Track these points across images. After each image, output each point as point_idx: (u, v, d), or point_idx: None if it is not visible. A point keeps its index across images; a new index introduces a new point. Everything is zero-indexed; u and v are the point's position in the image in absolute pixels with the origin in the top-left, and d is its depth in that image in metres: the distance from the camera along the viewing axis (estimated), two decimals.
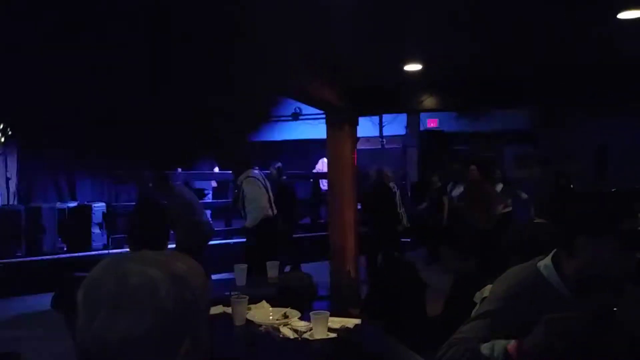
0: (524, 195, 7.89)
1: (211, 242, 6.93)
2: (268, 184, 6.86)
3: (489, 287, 1.99)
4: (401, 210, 7.97)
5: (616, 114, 8.79)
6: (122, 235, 8.07)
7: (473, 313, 1.88)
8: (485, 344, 1.65)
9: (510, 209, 7.92)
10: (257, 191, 6.59)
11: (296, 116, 12.12)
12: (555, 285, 1.74)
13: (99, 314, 0.85)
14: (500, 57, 5.52)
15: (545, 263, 1.79)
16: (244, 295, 3.03)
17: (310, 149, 11.53)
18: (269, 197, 6.76)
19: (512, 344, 1.59)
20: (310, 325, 2.66)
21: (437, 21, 4.24)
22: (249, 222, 6.57)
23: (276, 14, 3.81)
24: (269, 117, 12.55)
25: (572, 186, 9.06)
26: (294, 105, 11.86)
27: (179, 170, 10.06)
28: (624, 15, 4.06)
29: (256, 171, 6.81)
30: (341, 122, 6.47)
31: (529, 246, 2.15)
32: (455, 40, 4.84)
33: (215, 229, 7.58)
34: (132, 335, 0.85)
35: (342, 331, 2.57)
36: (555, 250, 1.80)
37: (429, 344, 2.57)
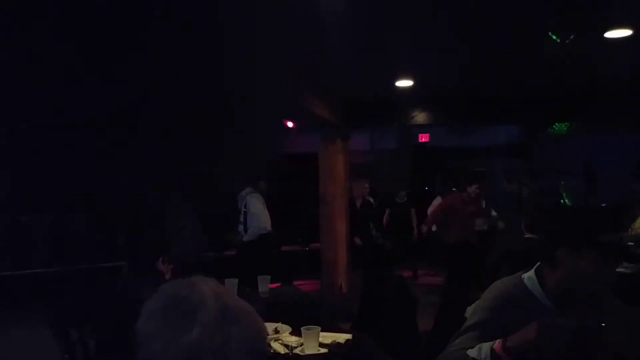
0: (493, 213, 7.87)
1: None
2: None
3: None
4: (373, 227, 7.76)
5: (604, 129, 8.90)
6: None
7: (462, 326, 1.90)
8: (472, 349, 1.67)
9: (485, 227, 7.89)
10: (261, 206, 6.57)
11: None
12: (539, 297, 1.78)
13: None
14: (489, 74, 5.61)
15: (529, 275, 1.83)
16: None
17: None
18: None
19: (497, 342, 1.61)
20: (301, 341, 2.65)
21: (428, 39, 4.30)
22: (248, 236, 6.55)
23: (270, 32, 3.85)
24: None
25: (562, 201, 9.13)
26: None
27: None
28: (611, 34, 4.15)
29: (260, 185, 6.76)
30: (333, 136, 6.51)
31: (519, 260, 2.17)
32: (445, 57, 4.91)
33: None
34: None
35: (334, 346, 2.57)
36: (538, 263, 1.84)
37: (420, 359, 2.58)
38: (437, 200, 8.37)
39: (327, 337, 2.73)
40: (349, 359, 2.49)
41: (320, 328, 2.68)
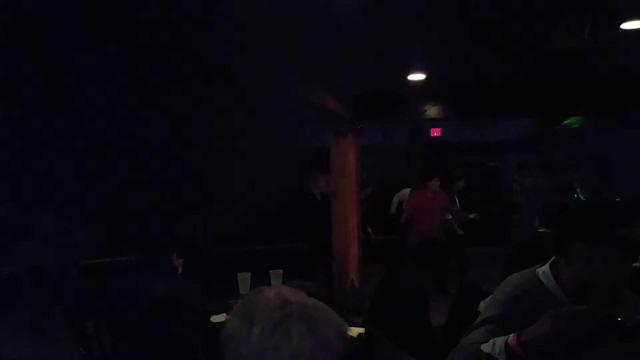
0: (472, 216, 7.91)
1: None
2: None
3: None
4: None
5: (620, 124, 8.80)
6: None
7: (476, 321, 1.89)
8: (486, 343, 1.67)
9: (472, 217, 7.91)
10: None
11: None
12: (553, 292, 1.77)
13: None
14: (502, 68, 5.55)
15: (543, 270, 1.83)
16: None
17: None
18: None
19: (511, 336, 1.60)
20: None
21: (440, 32, 4.27)
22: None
23: (280, 26, 3.85)
24: None
25: (576, 196, 9.05)
26: None
27: None
28: (628, 25, 4.09)
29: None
30: (345, 131, 6.50)
31: (533, 255, 2.15)
32: (458, 51, 4.87)
33: None
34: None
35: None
36: (553, 257, 1.83)
37: (433, 354, 2.57)
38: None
39: None
40: (361, 353, 2.49)
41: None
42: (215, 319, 3.01)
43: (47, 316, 5.33)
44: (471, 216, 7.71)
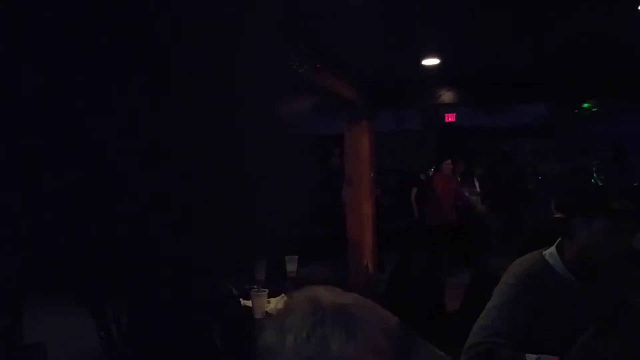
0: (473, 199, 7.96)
1: None
2: None
3: None
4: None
5: (635, 108, 8.66)
6: None
7: (487, 305, 1.91)
8: (531, 355, 1.68)
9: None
10: None
11: None
12: (560, 272, 1.81)
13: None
14: (517, 51, 5.48)
15: (550, 251, 1.86)
16: (264, 289, 3.08)
17: None
18: None
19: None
20: None
21: (455, 15, 4.22)
22: None
23: (292, 8, 3.83)
24: None
25: (592, 181, 8.96)
26: None
27: None
28: None
29: None
30: (359, 117, 6.48)
31: (547, 240, 2.16)
32: (473, 35, 4.82)
33: None
34: None
35: None
36: (559, 238, 1.86)
37: (448, 340, 2.58)
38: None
39: None
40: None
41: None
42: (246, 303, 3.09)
43: None
44: (479, 208, 7.76)
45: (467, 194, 7.62)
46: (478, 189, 8.09)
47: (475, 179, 8.24)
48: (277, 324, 0.92)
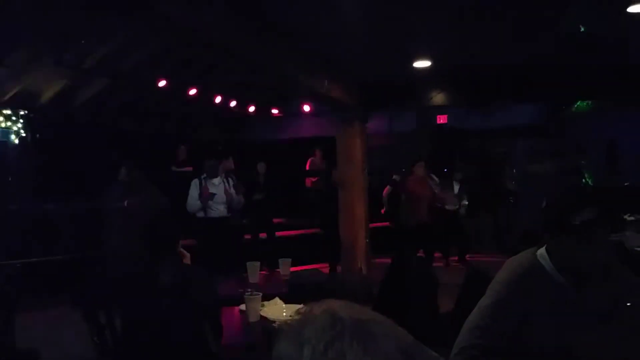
0: (462, 202, 8.17)
1: None
2: None
3: None
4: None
5: (627, 107, 8.72)
6: None
7: (479, 303, 1.90)
8: None
9: (457, 207, 8.22)
10: None
11: None
12: (551, 273, 1.78)
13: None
14: (509, 52, 5.52)
15: (541, 252, 1.83)
16: (257, 293, 3.07)
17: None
18: None
19: None
20: None
21: (445, 17, 4.24)
22: None
23: (285, 10, 3.84)
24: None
25: (584, 180, 9.00)
26: None
27: None
28: (634, 9, 4.05)
29: None
30: (351, 119, 6.49)
31: (537, 240, 2.16)
32: (463, 36, 4.84)
33: None
34: None
35: None
36: (549, 239, 1.84)
37: (440, 341, 2.59)
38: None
39: None
40: None
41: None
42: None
43: None
44: (447, 207, 7.93)
45: (441, 193, 7.77)
46: (455, 192, 8.24)
47: (454, 182, 8.35)
48: (295, 335, 0.92)
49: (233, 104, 9.53)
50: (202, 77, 8.51)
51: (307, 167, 10.31)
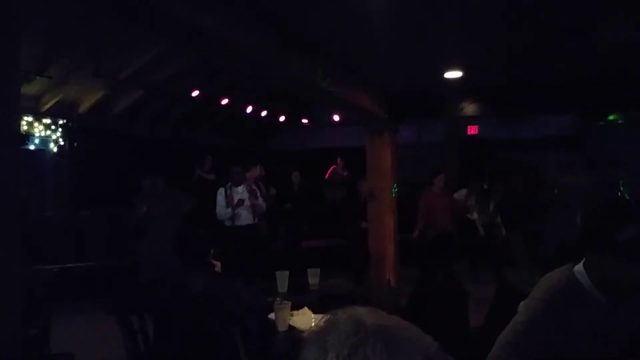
0: (496, 220, 8.05)
1: None
2: None
3: None
4: None
5: None
6: None
7: (513, 319, 1.88)
8: None
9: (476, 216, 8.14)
10: None
11: None
12: (589, 291, 1.74)
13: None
14: (541, 63, 5.45)
15: (578, 268, 1.79)
16: (287, 302, 3.09)
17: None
18: None
19: None
20: None
21: (478, 28, 4.22)
22: None
23: (314, 21, 3.87)
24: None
25: (619, 194, 8.78)
26: None
27: None
28: None
29: None
30: (381, 129, 6.49)
31: (573, 253, 2.12)
32: (496, 47, 4.80)
33: None
34: None
35: None
36: (586, 256, 1.79)
37: (471, 355, 2.56)
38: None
39: None
40: None
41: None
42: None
43: None
44: (469, 216, 7.85)
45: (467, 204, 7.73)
46: (490, 210, 8.13)
47: (491, 202, 8.24)
48: (319, 341, 0.92)
49: (264, 113, 9.65)
50: (234, 87, 8.65)
51: (327, 176, 10.31)
